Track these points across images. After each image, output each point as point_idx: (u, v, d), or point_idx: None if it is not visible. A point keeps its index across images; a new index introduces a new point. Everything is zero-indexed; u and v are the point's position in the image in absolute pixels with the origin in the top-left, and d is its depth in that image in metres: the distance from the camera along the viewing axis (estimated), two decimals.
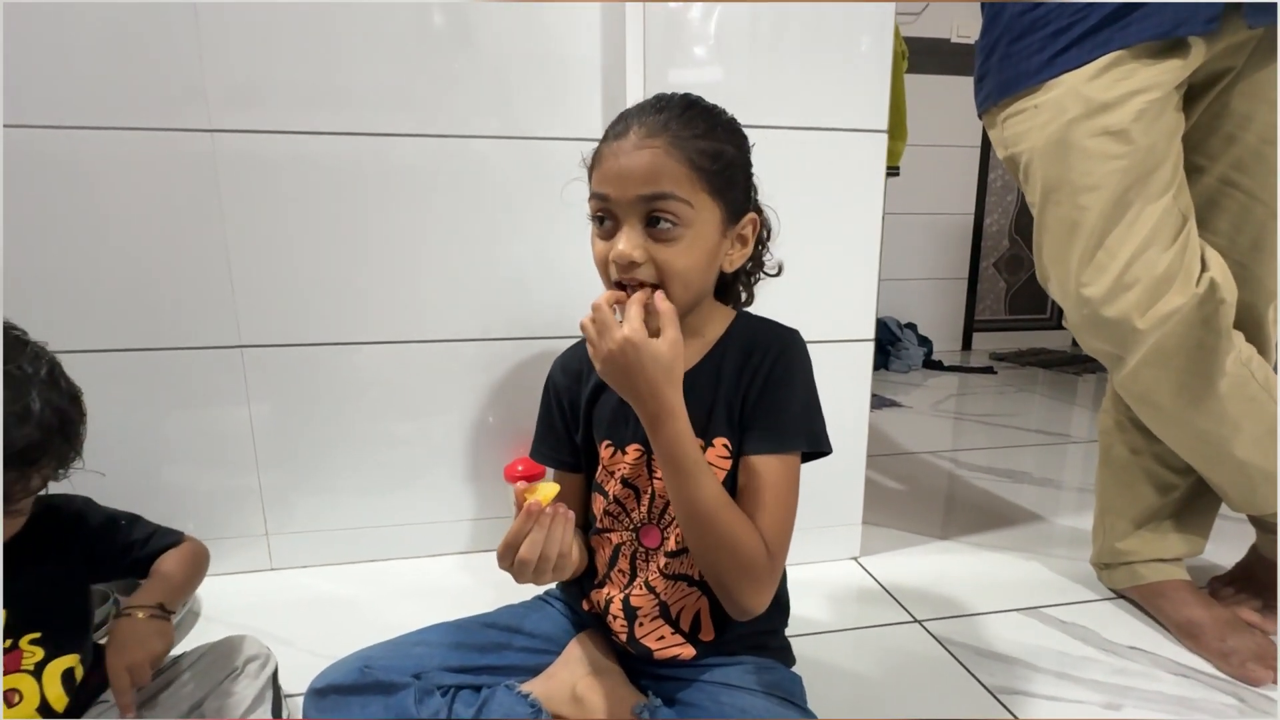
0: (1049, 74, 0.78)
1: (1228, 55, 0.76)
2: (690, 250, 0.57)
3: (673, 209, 0.55)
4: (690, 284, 0.58)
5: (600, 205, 0.58)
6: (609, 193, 0.56)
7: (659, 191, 0.55)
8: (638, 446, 0.64)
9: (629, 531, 0.66)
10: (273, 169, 0.95)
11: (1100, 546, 1.01)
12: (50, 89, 0.88)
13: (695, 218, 0.56)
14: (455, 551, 1.12)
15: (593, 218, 0.60)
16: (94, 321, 0.94)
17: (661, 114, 0.56)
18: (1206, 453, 0.83)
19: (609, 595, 0.67)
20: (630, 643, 0.65)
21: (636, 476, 0.64)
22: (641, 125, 0.56)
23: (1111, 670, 0.83)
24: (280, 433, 1.03)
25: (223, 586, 1.01)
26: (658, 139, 0.55)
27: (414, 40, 0.96)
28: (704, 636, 0.65)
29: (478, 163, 1.01)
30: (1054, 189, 0.80)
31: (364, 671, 0.60)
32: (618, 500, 0.65)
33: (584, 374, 0.69)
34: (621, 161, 0.55)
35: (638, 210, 0.56)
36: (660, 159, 0.55)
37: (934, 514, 1.33)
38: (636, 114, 0.58)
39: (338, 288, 1.01)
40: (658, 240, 0.56)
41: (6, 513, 0.54)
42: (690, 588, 0.64)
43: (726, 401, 0.62)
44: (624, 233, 0.56)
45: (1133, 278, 0.75)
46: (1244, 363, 0.78)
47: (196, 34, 0.90)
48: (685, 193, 0.55)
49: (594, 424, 0.67)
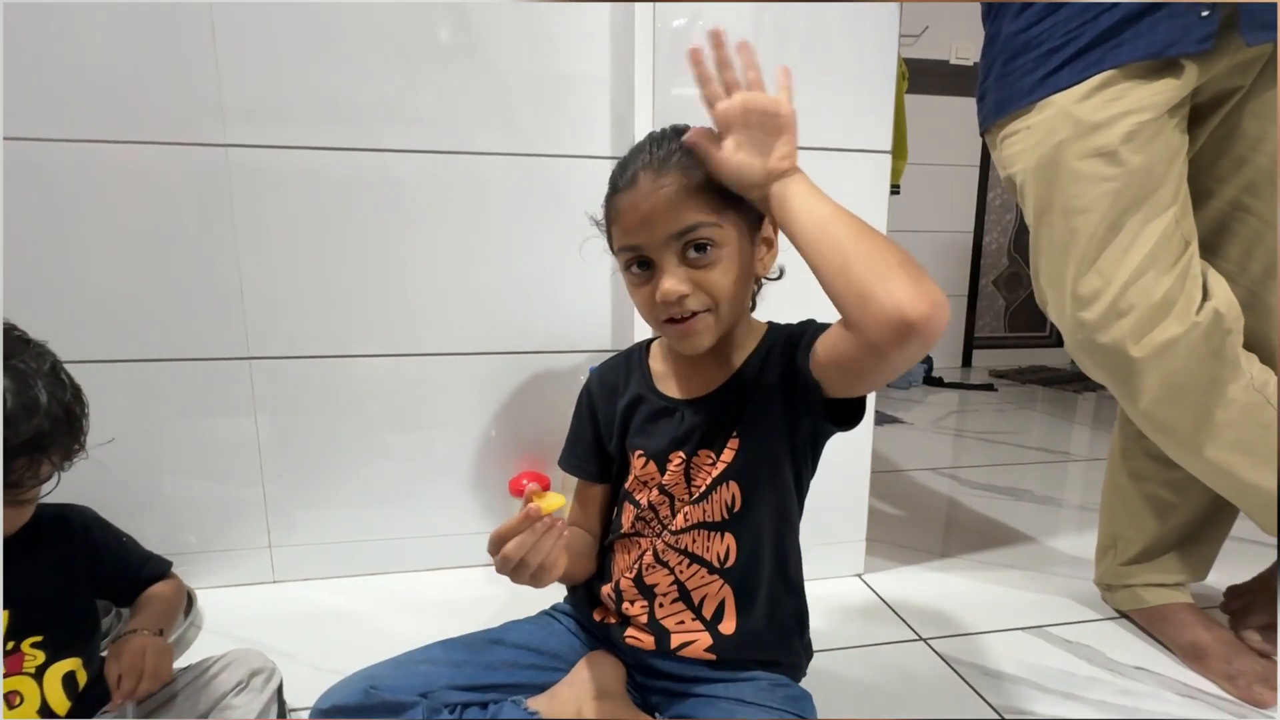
0: (1040, 94, 0.77)
1: (1233, 74, 0.74)
2: (730, 268, 0.58)
3: (705, 235, 0.56)
4: (737, 300, 0.60)
5: (633, 256, 0.59)
6: (640, 241, 0.57)
7: (688, 224, 0.56)
8: (679, 455, 0.64)
9: (659, 537, 0.66)
10: (283, 184, 0.97)
11: (1104, 568, 1.00)
12: (69, 103, 0.89)
13: (725, 236, 0.57)
14: (459, 565, 1.12)
15: (626, 270, 0.61)
16: (105, 332, 0.95)
17: (660, 150, 0.58)
18: (1228, 481, 0.80)
19: (619, 577, 0.67)
20: (650, 624, 0.65)
21: (674, 485, 0.65)
22: (647, 169, 0.57)
23: (1117, 691, 0.83)
24: (285, 444, 1.03)
25: (225, 599, 1.01)
26: (667, 176, 0.56)
27: (422, 57, 0.98)
28: (724, 628, 0.65)
29: (482, 179, 1.02)
30: (1046, 210, 0.79)
31: (369, 692, 0.60)
32: (652, 506, 0.66)
33: (620, 387, 0.70)
34: (643, 209, 0.56)
35: (672, 248, 0.57)
36: (679, 194, 0.56)
37: (936, 531, 1.33)
38: (637, 160, 0.58)
39: (345, 301, 1.01)
40: (698, 268, 0.57)
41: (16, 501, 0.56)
42: (711, 575, 0.64)
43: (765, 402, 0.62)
44: (665, 272, 0.57)
45: (1127, 304, 0.73)
46: (1258, 389, 0.75)
47: (214, 50, 0.91)
48: (711, 216, 0.56)
49: (629, 435, 0.68)
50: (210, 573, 1.03)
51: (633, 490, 0.68)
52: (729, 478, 0.63)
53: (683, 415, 0.65)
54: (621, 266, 0.61)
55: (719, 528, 0.64)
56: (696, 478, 0.64)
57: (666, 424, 0.65)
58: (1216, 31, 0.69)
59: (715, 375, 0.65)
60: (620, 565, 0.69)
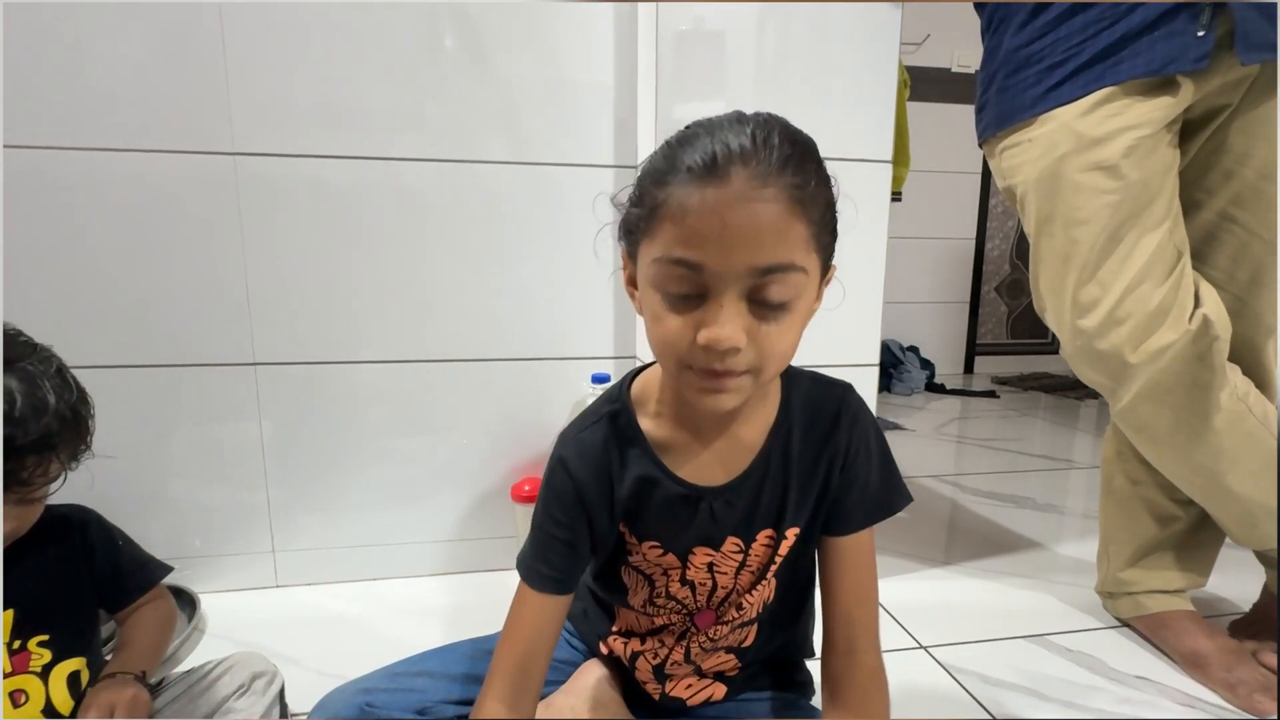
0: (1042, 108, 0.79)
1: (1223, 92, 0.77)
2: (795, 327, 0.45)
3: (792, 282, 0.43)
4: (785, 363, 0.48)
5: (686, 276, 0.43)
6: (705, 261, 0.42)
7: (779, 262, 0.42)
8: (708, 551, 0.56)
9: (679, 615, 0.61)
10: (290, 191, 0.98)
11: (1104, 576, 1.01)
12: (82, 112, 0.90)
13: (805, 286, 0.44)
14: (462, 571, 1.12)
15: (659, 287, 0.44)
16: (112, 337, 0.96)
17: (768, 150, 0.42)
18: (1205, 487, 0.83)
19: (634, 651, 0.63)
20: (663, 700, 0.64)
21: (697, 575, 0.58)
22: (748, 164, 0.41)
23: (1118, 700, 0.83)
24: (289, 449, 1.04)
25: (229, 603, 1.01)
26: (774, 185, 0.41)
27: (427, 66, 0.99)
28: (729, 673, 0.65)
29: (486, 187, 1.03)
30: (1047, 221, 0.81)
31: (365, 710, 0.59)
32: (670, 594, 0.58)
33: (612, 464, 0.54)
34: (726, 219, 0.41)
35: (744, 284, 0.42)
36: (784, 218, 0.41)
37: (938, 539, 1.33)
38: (731, 143, 0.42)
39: (349, 307, 1.02)
40: (764, 320, 0.44)
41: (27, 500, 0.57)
42: (727, 654, 0.63)
43: (801, 485, 0.55)
44: (723, 311, 0.42)
45: (1125, 312, 0.76)
46: (1240, 398, 0.78)
47: (224, 59, 0.93)
48: (805, 258, 0.43)
49: (636, 521, 0.56)
50: (214, 577, 1.04)
51: (649, 572, 0.58)
52: (768, 575, 0.58)
53: (710, 507, 0.54)
54: (651, 279, 0.45)
55: (750, 624, 0.61)
56: (719, 566, 0.57)
57: (687, 514, 0.54)
58: (1212, 51, 0.71)
59: (738, 448, 0.54)
60: (627, 622, 0.64)
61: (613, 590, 0.62)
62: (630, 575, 0.59)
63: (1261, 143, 0.77)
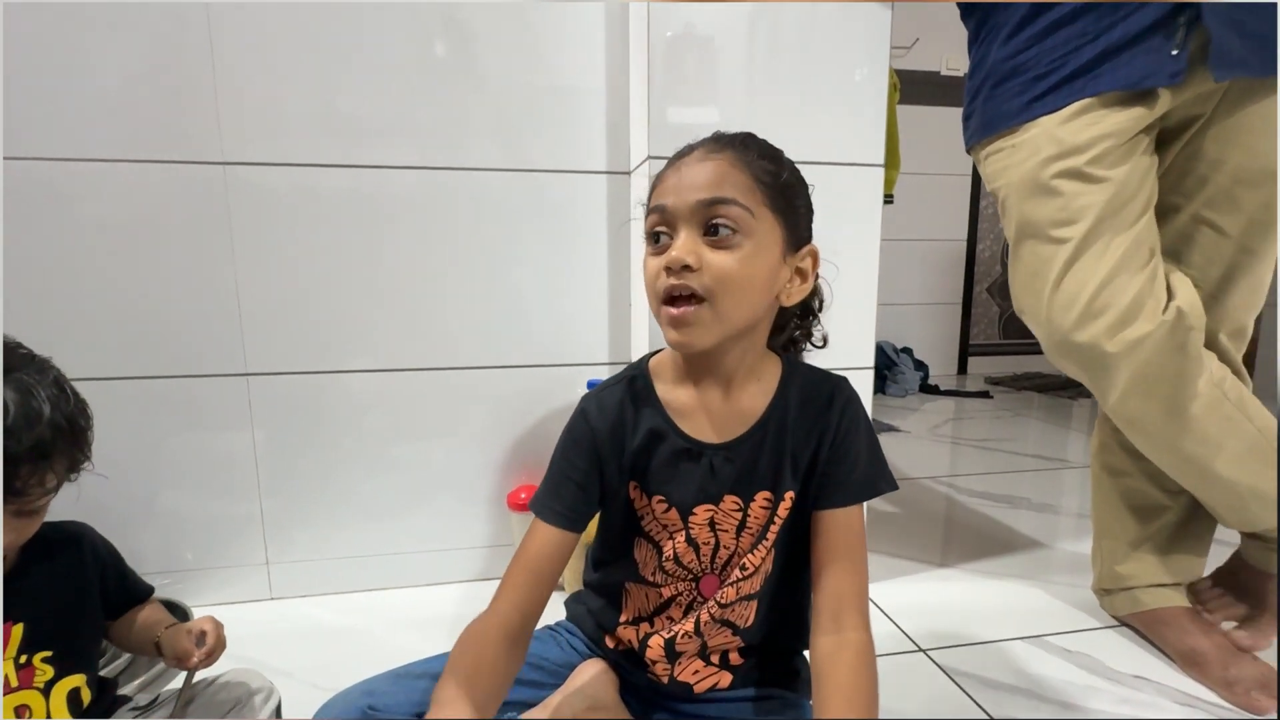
0: (1026, 116, 0.83)
1: (1197, 103, 0.81)
2: (748, 262, 0.54)
3: (733, 214, 0.54)
4: (743, 300, 0.55)
5: (658, 218, 0.56)
6: (667, 202, 0.55)
7: (720, 196, 0.53)
8: (708, 507, 0.61)
9: (686, 582, 0.63)
10: (281, 200, 0.97)
11: (1100, 572, 1.01)
12: (71, 123, 0.90)
13: (756, 228, 0.54)
14: (458, 580, 1.12)
15: (648, 235, 0.58)
16: (102, 349, 0.95)
17: (723, 140, 0.58)
18: (1194, 473, 0.86)
19: (645, 634, 0.65)
20: (671, 683, 0.65)
21: (700, 533, 0.62)
22: (704, 145, 0.57)
23: (1117, 700, 0.83)
24: (283, 460, 1.03)
25: (222, 616, 0.98)
26: (724, 152, 0.56)
27: (418, 73, 0.99)
28: (732, 658, 0.66)
29: (480, 194, 1.03)
30: (1026, 223, 0.85)
31: (367, 712, 0.59)
32: (677, 557, 0.62)
33: (627, 419, 0.61)
34: (683, 172, 0.55)
35: (697, 217, 0.54)
36: (724, 168, 0.55)
37: (934, 540, 1.33)
38: (698, 141, 0.58)
39: (342, 316, 1.02)
40: (715, 247, 0.54)
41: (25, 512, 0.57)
42: (734, 635, 0.64)
43: (793, 453, 0.61)
44: (680, 239, 0.54)
45: (1102, 304, 0.79)
46: (1216, 383, 0.81)
47: (212, 69, 0.92)
48: (747, 201, 0.54)
49: (645, 475, 0.62)
50: (207, 590, 1.03)
51: (652, 532, 0.63)
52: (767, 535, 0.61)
53: (710, 463, 0.60)
54: (646, 231, 0.58)
55: (753, 597, 0.63)
56: (721, 523, 0.61)
57: (691, 469, 0.60)
58: (1186, 68, 0.75)
59: (739, 414, 0.61)
60: (636, 605, 0.66)
61: (626, 569, 0.65)
62: (641, 547, 0.64)
63: (1234, 149, 0.81)
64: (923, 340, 3.04)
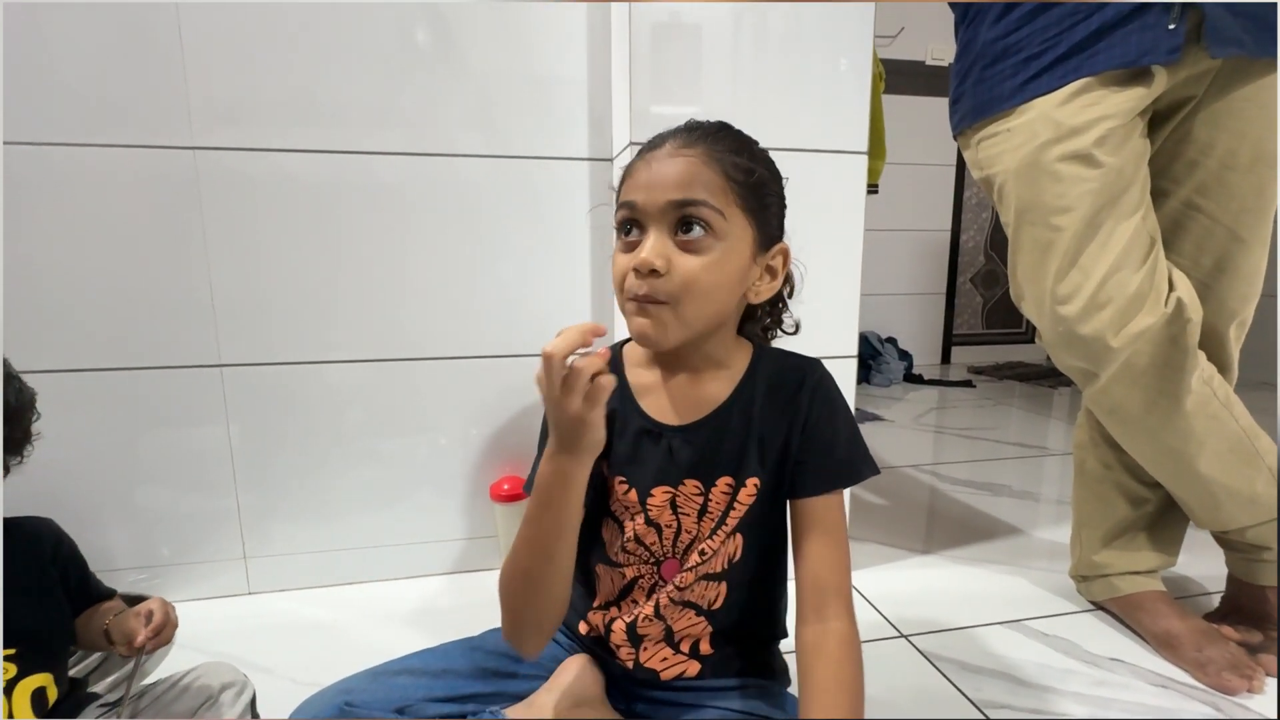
0: (1021, 99, 0.81)
1: (1189, 85, 0.79)
2: (718, 266, 0.54)
3: (705, 216, 0.53)
4: (708, 304, 0.55)
5: (627, 214, 0.55)
6: (637, 199, 0.54)
7: (691, 198, 0.53)
8: (666, 489, 0.60)
9: (647, 565, 0.63)
10: (255, 187, 0.95)
11: (1077, 559, 1.02)
12: (32, 106, 0.87)
13: (727, 231, 0.54)
14: (439, 573, 1.11)
15: (618, 229, 0.57)
16: (71, 340, 0.92)
17: (695, 132, 0.56)
18: (1172, 468, 0.85)
19: (611, 618, 0.65)
20: (636, 669, 0.64)
21: (660, 515, 0.61)
22: (676, 138, 0.55)
23: (1093, 682, 0.84)
24: (260, 453, 1.01)
25: (199, 612, 0.98)
26: (694, 148, 0.54)
27: (398, 59, 0.97)
28: (701, 646, 0.65)
29: (461, 181, 1.01)
30: (1027, 209, 0.82)
31: (345, 709, 0.58)
32: (638, 538, 0.62)
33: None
34: (654, 168, 0.54)
35: (668, 217, 0.53)
36: (695, 166, 0.53)
37: (917, 528, 1.34)
38: (670, 132, 0.57)
39: (319, 306, 1.00)
40: (685, 250, 0.53)
41: None
42: (698, 616, 0.64)
43: (761, 440, 0.60)
44: (649, 240, 0.53)
45: (1106, 297, 0.77)
46: (1206, 381, 0.81)
47: (180, 51, 0.90)
48: (719, 202, 0.53)
49: (608, 453, 0.61)
50: (184, 585, 1.01)
51: (618, 514, 0.63)
52: (728, 520, 0.60)
53: (669, 445, 0.60)
54: (615, 225, 0.57)
55: (718, 578, 0.62)
56: (683, 506, 0.61)
57: (651, 450, 0.60)
58: (1182, 44, 0.73)
59: (701, 398, 0.60)
60: (605, 589, 0.66)
61: (594, 549, 0.65)
62: (608, 526, 0.64)
63: (1224, 134, 0.79)
64: (907, 330, 3.06)
